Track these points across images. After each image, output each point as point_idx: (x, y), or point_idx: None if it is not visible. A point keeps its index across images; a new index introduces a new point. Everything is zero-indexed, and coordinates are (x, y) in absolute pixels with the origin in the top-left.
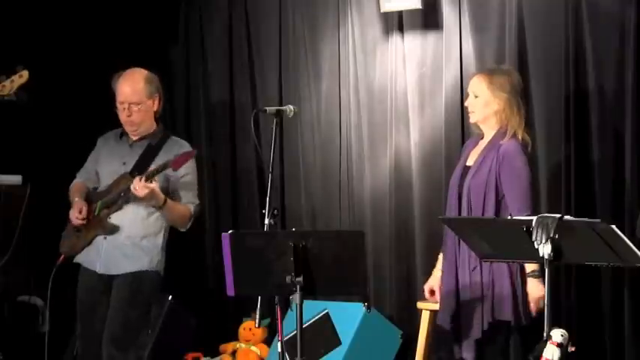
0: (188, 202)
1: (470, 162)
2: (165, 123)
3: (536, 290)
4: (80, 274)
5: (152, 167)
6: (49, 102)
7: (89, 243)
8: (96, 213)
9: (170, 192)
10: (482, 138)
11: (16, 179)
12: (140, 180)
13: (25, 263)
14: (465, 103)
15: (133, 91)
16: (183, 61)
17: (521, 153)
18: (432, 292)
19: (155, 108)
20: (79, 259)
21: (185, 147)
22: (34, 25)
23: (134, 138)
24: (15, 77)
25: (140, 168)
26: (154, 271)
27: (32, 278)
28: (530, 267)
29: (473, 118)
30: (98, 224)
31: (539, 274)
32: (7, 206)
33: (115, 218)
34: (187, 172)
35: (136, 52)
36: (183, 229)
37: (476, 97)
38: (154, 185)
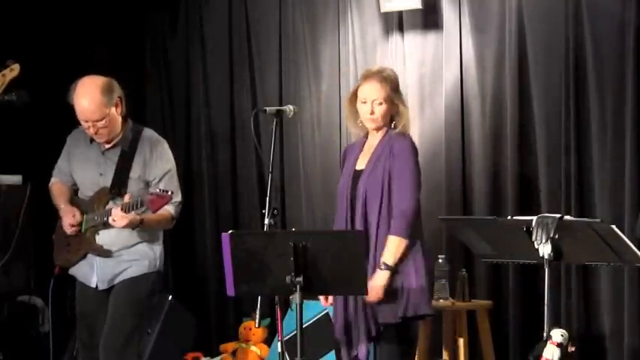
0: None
1: (361, 166)
2: (163, 122)
3: (378, 279)
4: (77, 284)
5: (127, 199)
6: (48, 102)
7: (82, 258)
8: (82, 230)
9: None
10: (365, 141)
11: (16, 179)
12: (118, 211)
13: (25, 263)
14: (367, 113)
15: (93, 108)
16: (183, 60)
17: (412, 151)
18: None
19: (119, 112)
20: (73, 272)
21: (157, 145)
22: (32, 24)
23: (106, 146)
24: (6, 71)
25: (118, 182)
26: (154, 272)
27: (32, 278)
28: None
29: (375, 125)
30: (87, 244)
31: (386, 268)
32: (7, 206)
33: (103, 235)
34: (164, 170)
35: (136, 52)
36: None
37: (380, 103)
38: (131, 215)
